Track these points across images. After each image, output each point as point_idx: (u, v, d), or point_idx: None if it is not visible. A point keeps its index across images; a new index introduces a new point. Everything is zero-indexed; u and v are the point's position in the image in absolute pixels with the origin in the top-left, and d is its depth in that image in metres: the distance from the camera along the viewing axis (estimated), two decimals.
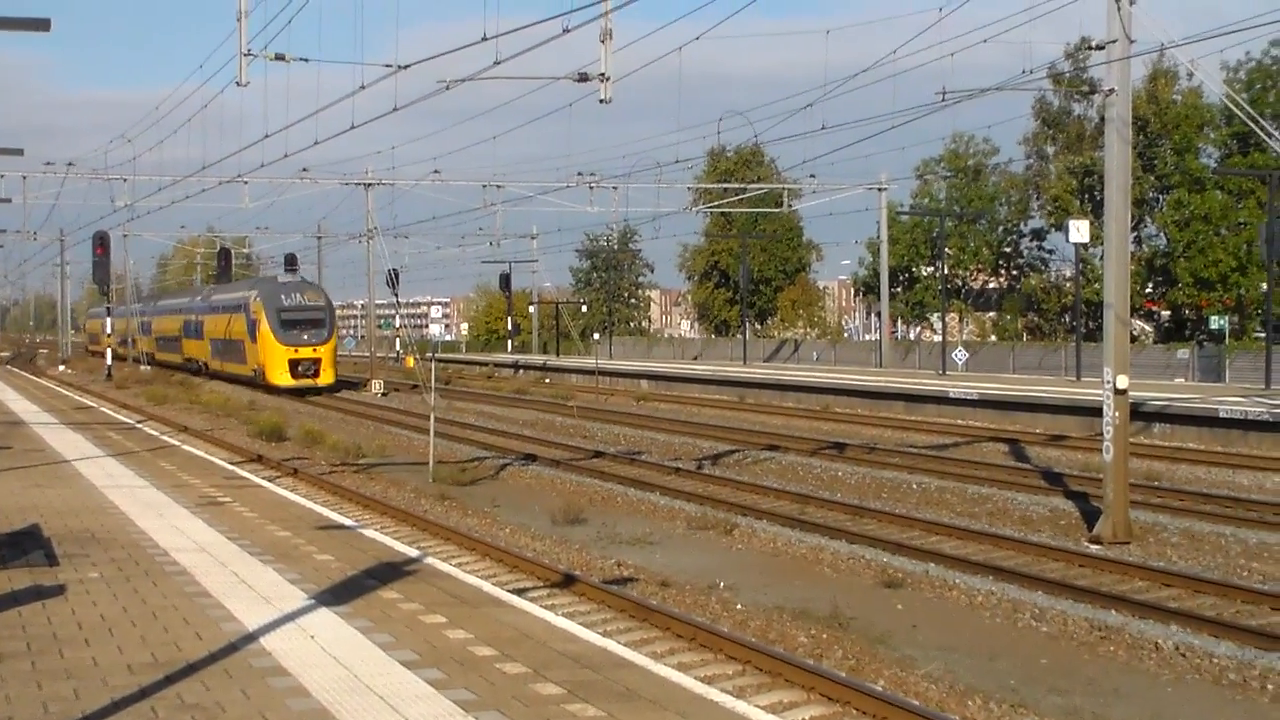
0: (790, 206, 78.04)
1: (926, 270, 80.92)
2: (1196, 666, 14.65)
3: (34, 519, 18.90)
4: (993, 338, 78.99)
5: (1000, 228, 79.01)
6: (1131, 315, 40.02)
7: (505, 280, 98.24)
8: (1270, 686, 13.86)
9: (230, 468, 28.06)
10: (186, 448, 32.73)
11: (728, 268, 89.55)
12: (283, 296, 65.68)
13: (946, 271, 72.73)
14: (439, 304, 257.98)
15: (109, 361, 79.80)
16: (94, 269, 66.95)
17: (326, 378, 64.02)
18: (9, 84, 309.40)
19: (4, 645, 11.56)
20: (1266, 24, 30.55)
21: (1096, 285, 56.14)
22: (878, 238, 71.63)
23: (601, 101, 23.86)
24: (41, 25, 19.84)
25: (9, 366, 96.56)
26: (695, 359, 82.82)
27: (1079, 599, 17.50)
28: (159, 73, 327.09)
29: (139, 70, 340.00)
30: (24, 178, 61.34)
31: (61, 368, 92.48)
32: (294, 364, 62.94)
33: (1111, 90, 23.51)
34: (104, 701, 9.77)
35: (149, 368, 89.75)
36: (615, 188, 64.16)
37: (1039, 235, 78.73)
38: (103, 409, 48.25)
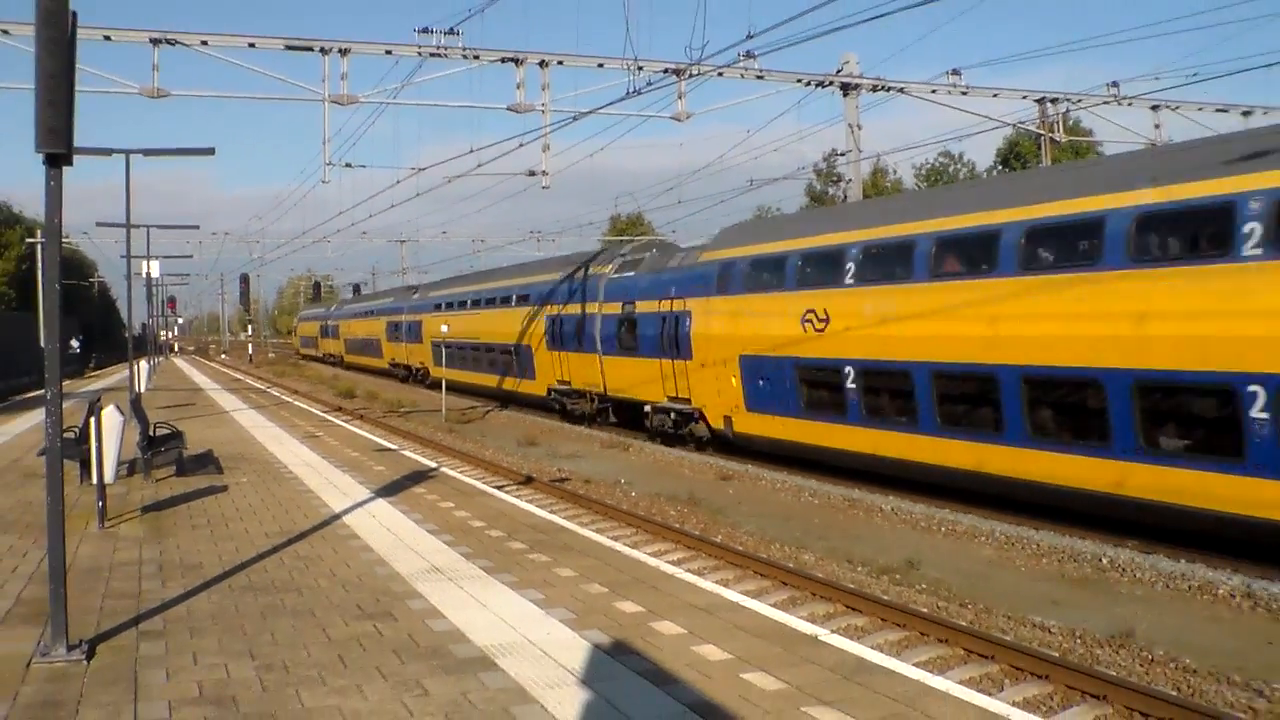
0: None
1: None
2: (904, 520, 15.06)
3: (209, 446, 18.75)
4: None
5: None
6: None
7: None
8: (943, 529, 14.31)
9: (322, 415, 27.87)
10: (297, 403, 32.43)
11: None
12: None
13: None
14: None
15: (250, 350, 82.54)
16: (240, 296, 74.35)
17: None
18: (192, 187, 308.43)
19: (198, 519, 11.63)
20: (934, 142, 31.43)
21: None
22: None
23: (544, 188, 24.07)
24: (208, 152, 19.63)
25: (193, 356, 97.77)
26: None
27: (836, 482, 17.77)
28: (277, 175, 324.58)
29: (266, 174, 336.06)
30: (200, 242, 64.88)
31: (223, 356, 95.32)
32: None
33: (849, 180, 24.05)
34: (252, 553, 9.83)
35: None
36: (554, 240, 64.31)
37: None
38: (247, 380, 47.89)
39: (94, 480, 11.46)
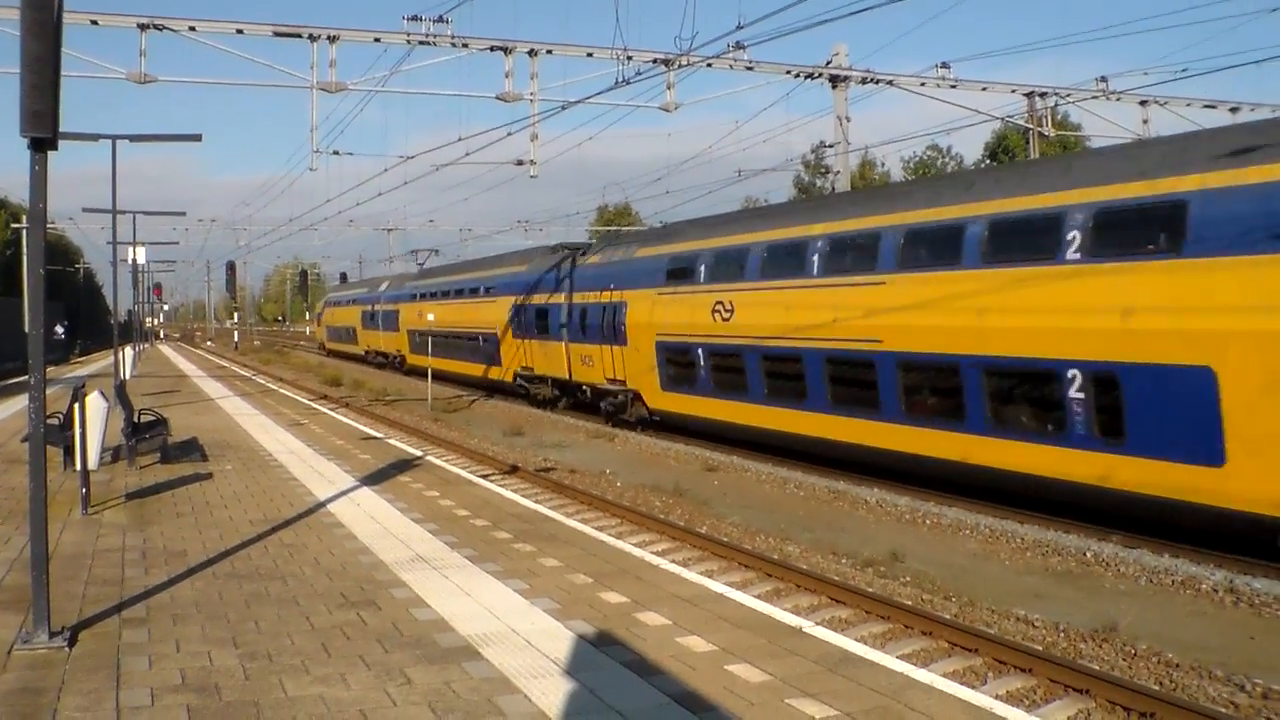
0: None
1: None
2: (889, 512, 15.16)
3: (194, 433, 18.69)
4: None
5: None
6: None
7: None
8: (928, 522, 14.41)
9: (308, 402, 27.81)
10: (282, 391, 32.36)
11: None
12: None
13: None
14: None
15: (236, 338, 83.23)
16: (227, 283, 76.52)
17: None
18: (178, 172, 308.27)
19: (182, 506, 11.61)
20: (923, 135, 31.56)
21: None
22: None
23: (531, 177, 24.06)
24: (195, 138, 19.50)
25: (179, 342, 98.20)
26: None
27: (821, 474, 17.85)
28: (264, 163, 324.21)
29: (253, 161, 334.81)
30: (186, 229, 65.61)
31: (209, 343, 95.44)
32: None
33: (838, 171, 24.01)
34: (237, 541, 9.82)
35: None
36: (541, 229, 64.41)
37: None
38: (232, 368, 47.85)
39: (77, 467, 11.39)
